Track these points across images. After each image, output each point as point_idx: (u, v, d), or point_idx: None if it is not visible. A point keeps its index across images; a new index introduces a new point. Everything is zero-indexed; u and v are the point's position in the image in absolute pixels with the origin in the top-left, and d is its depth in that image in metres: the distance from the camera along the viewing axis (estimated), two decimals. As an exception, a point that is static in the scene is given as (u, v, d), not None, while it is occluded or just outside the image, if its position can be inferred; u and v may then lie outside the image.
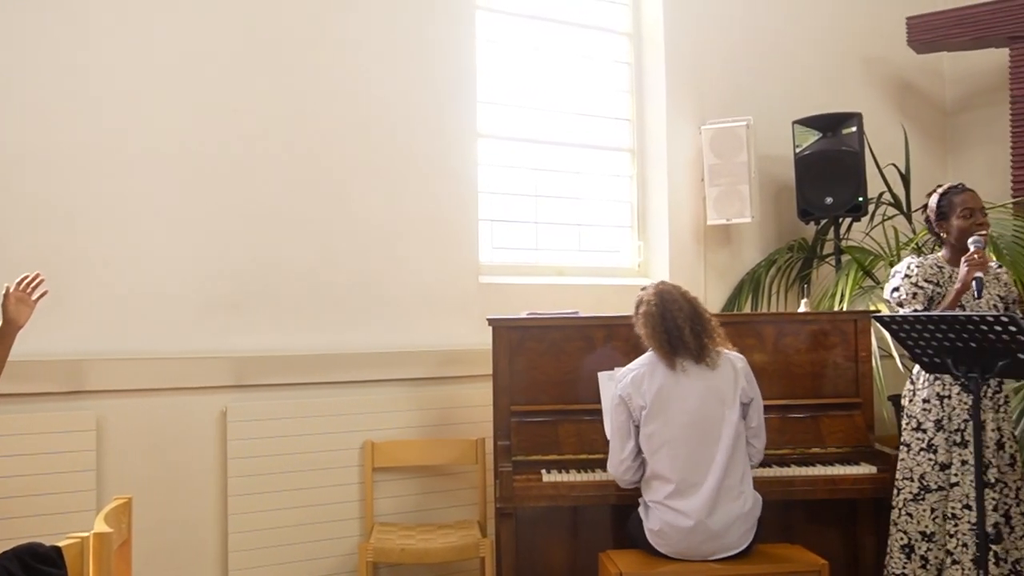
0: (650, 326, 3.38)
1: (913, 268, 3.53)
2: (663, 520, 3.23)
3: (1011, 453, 3.37)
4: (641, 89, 5.51)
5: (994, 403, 3.39)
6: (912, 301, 3.47)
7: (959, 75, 6.57)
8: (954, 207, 3.50)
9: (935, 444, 3.40)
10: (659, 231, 5.38)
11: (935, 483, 3.38)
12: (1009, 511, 3.32)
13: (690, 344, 3.32)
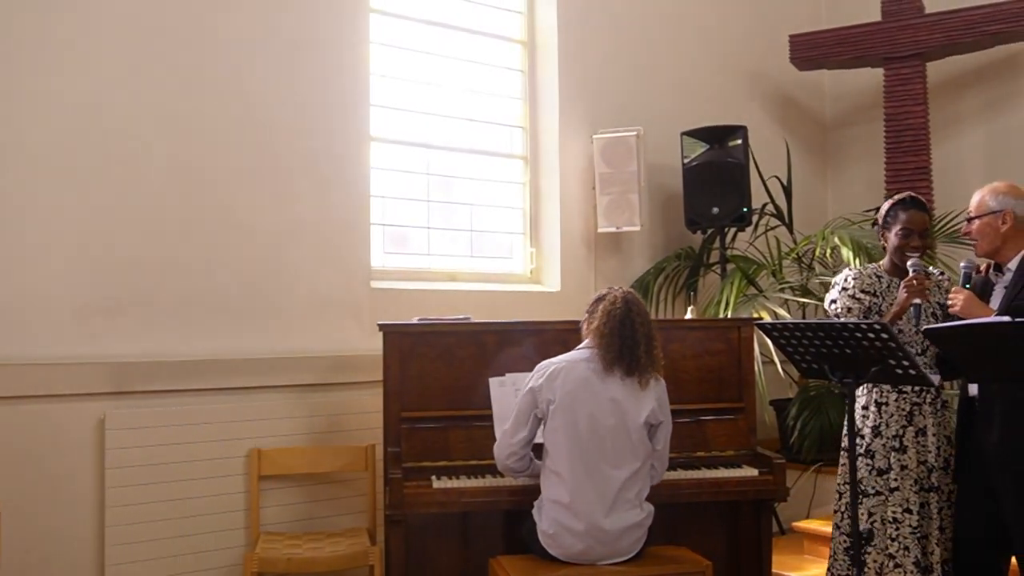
0: (608, 326, 3.32)
1: (850, 280, 3.57)
2: (556, 521, 3.23)
3: (944, 457, 3.46)
4: (534, 97, 5.55)
5: (933, 408, 3.46)
6: (847, 314, 3.51)
7: (838, 92, 6.84)
8: (897, 221, 3.53)
9: (872, 450, 3.47)
10: (551, 238, 5.43)
11: (872, 488, 3.45)
12: (941, 513, 3.41)
13: (641, 358, 3.31)
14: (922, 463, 3.39)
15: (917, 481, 3.38)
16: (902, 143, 5.86)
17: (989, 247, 3.28)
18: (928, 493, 3.38)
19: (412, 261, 5.08)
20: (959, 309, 3.12)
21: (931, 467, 3.40)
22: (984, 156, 6.07)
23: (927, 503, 3.37)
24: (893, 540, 3.39)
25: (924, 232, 3.50)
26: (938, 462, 3.41)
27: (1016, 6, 5.53)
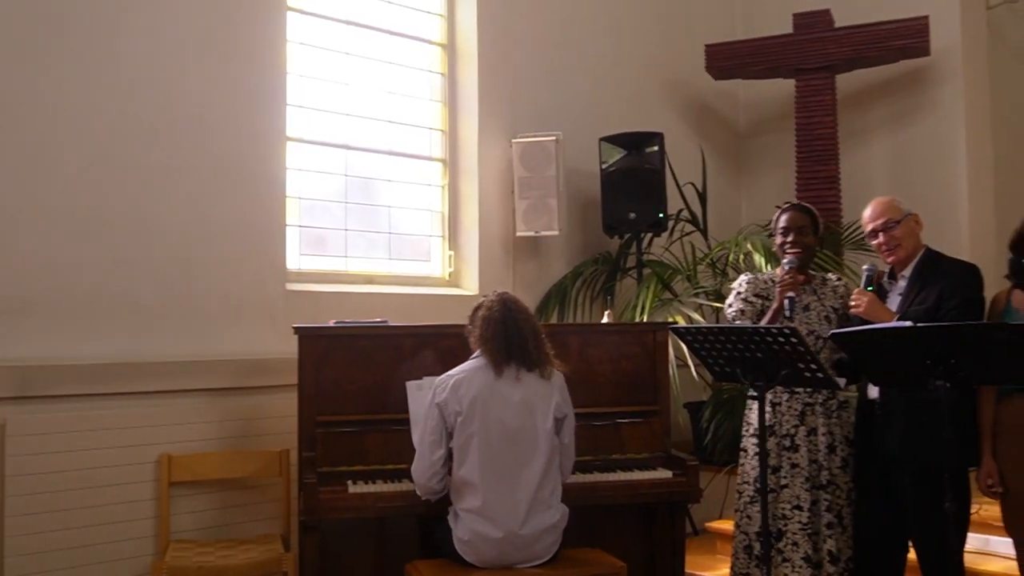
0: (489, 330, 3.36)
1: (744, 284, 3.68)
2: (472, 530, 3.23)
3: (842, 456, 3.54)
4: (454, 100, 5.55)
5: (825, 409, 3.54)
6: (741, 316, 3.62)
7: (752, 101, 7.00)
8: (777, 224, 3.66)
9: (768, 449, 3.55)
10: (469, 241, 5.43)
11: (768, 486, 3.54)
12: (841, 511, 3.50)
13: (531, 351, 3.35)
14: (813, 462, 3.49)
15: (808, 479, 3.47)
16: (812, 152, 6.02)
17: (913, 247, 3.38)
18: (818, 491, 3.47)
19: (329, 263, 5.02)
20: (863, 311, 3.21)
21: (821, 465, 3.49)
22: (889, 166, 6.28)
23: (817, 501, 3.46)
24: (783, 535, 3.48)
25: (801, 230, 3.59)
26: (832, 461, 3.50)
27: (919, 23, 5.74)
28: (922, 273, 3.34)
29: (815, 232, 3.64)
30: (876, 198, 3.49)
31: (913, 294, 3.27)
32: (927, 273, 3.32)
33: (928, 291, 3.26)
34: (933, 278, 3.29)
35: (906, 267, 3.37)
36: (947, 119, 6.07)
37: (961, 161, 6.01)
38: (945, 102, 6.09)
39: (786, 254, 3.57)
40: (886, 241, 3.37)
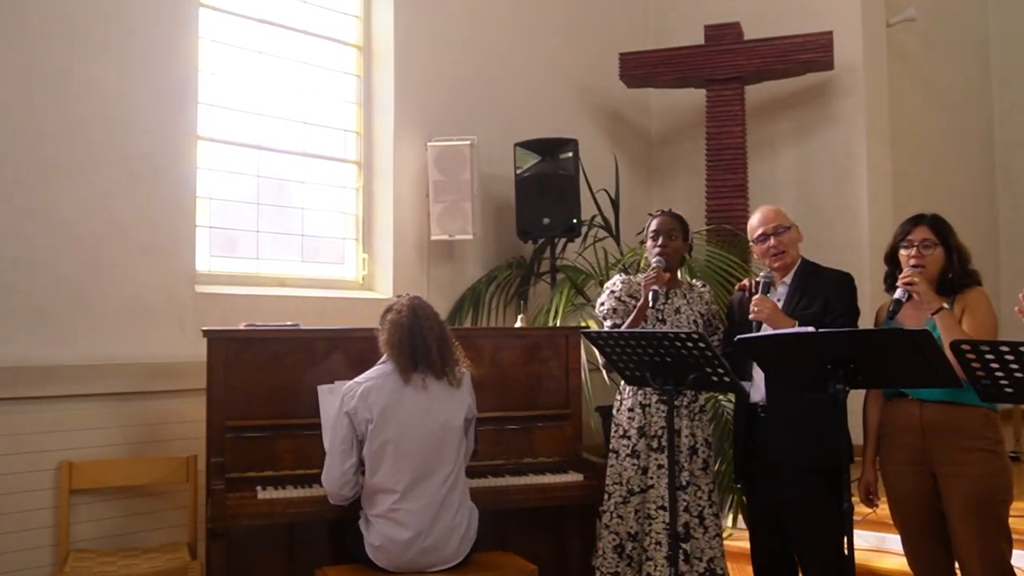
0: (397, 336, 3.36)
1: (618, 284, 3.77)
2: (384, 535, 3.22)
3: (703, 458, 3.66)
4: (369, 102, 5.52)
5: (690, 411, 3.66)
6: (613, 315, 3.71)
7: (664, 110, 7.13)
8: (648, 229, 3.78)
9: (638, 450, 3.64)
10: (384, 244, 5.40)
11: (639, 486, 3.61)
12: (702, 512, 3.61)
13: (435, 361, 3.35)
14: (675, 463, 3.57)
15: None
16: (721, 161, 6.17)
17: (796, 255, 3.50)
18: (678, 491, 3.56)
19: (240, 265, 4.93)
20: (765, 317, 3.31)
21: (683, 467, 3.59)
22: (795, 176, 6.48)
23: (677, 500, 3.55)
24: (647, 535, 3.56)
25: (669, 234, 3.71)
26: (694, 463, 3.62)
27: (824, 38, 5.93)
28: (802, 281, 3.47)
29: (684, 238, 3.77)
30: (763, 206, 3.61)
31: (795, 301, 3.40)
32: (807, 281, 3.46)
33: (810, 298, 3.39)
34: (814, 286, 3.43)
35: (786, 275, 3.50)
36: (849, 131, 6.30)
37: (862, 172, 6.24)
38: (847, 115, 6.31)
39: (653, 257, 3.68)
40: (776, 245, 3.48)
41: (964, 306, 3.10)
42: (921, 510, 3.14)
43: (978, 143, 8.99)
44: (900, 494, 3.19)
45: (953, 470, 3.03)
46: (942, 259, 3.16)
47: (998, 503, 3.03)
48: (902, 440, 3.14)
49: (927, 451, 3.07)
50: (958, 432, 3.03)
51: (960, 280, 3.16)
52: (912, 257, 3.14)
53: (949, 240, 3.17)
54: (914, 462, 3.11)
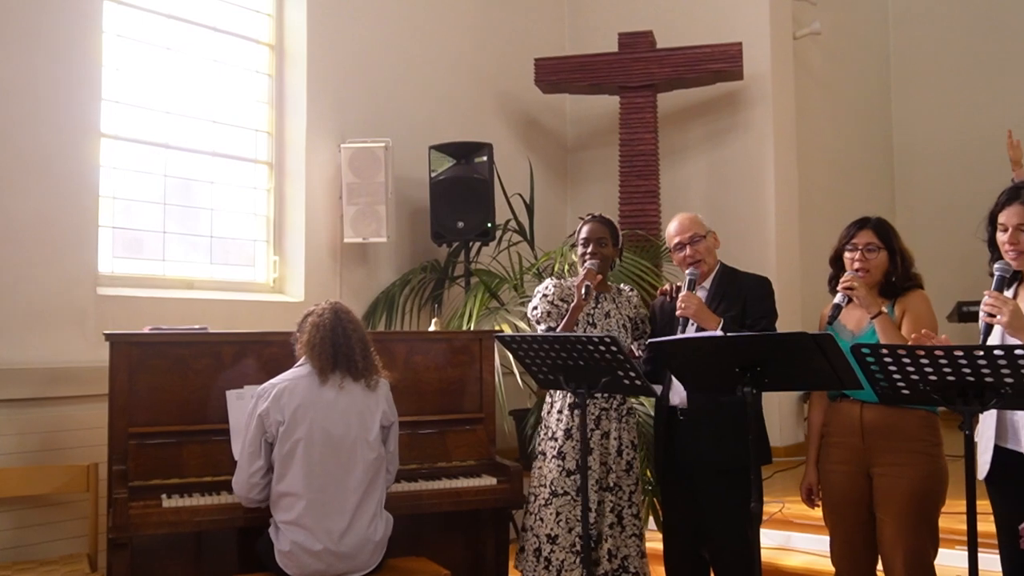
0: (318, 336, 3.30)
1: (550, 288, 3.77)
2: (293, 542, 3.16)
3: (628, 460, 3.69)
4: (281, 102, 5.43)
5: (618, 414, 3.68)
6: (546, 319, 3.71)
7: (579, 116, 7.20)
8: (579, 235, 3.78)
9: (564, 452, 3.64)
10: (295, 247, 5.32)
11: (562, 488, 3.62)
12: (622, 511, 3.64)
13: (356, 362, 3.31)
14: (603, 464, 3.62)
15: (598, 481, 3.60)
16: (634, 167, 6.26)
17: (713, 262, 3.56)
18: (604, 492, 3.61)
19: (146, 267, 4.80)
20: (692, 313, 3.35)
21: (610, 468, 3.63)
22: (706, 182, 6.61)
23: (602, 502, 3.60)
24: (578, 537, 3.58)
25: (599, 241, 3.73)
26: (619, 465, 3.65)
27: (733, 48, 6.07)
28: (721, 286, 3.53)
29: (614, 244, 3.79)
30: (680, 214, 3.66)
31: (715, 306, 3.46)
32: (726, 286, 3.53)
33: (729, 302, 3.46)
34: (732, 290, 3.50)
35: (705, 280, 3.56)
36: (758, 140, 6.46)
37: (769, 179, 6.40)
38: (756, 124, 6.47)
39: (584, 261, 3.70)
40: (691, 254, 3.54)
41: (905, 309, 3.16)
42: (854, 510, 3.18)
43: (878, 152, 9.31)
44: (836, 494, 3.23)
45: (889, 471, 3.07)
46: (885, 262, 3.21)
47: (931, 505, 3.09)
48: (842, 441, 3.19)
49: (866, 452, 3.12)
50: (897, 434, 3.07)
51: (902, 284, 3.21)
52: (856, 260, 3.19)
53: (893, 244, 3.23)
54: (851, 462, 3.16)
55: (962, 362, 2.35)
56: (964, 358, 2.34)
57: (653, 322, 3.72)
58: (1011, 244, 2.72)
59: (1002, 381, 2.33)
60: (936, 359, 2.39)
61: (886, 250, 3.21)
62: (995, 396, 2.38)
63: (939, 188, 8.46)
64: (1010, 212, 2.73)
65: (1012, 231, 2.72)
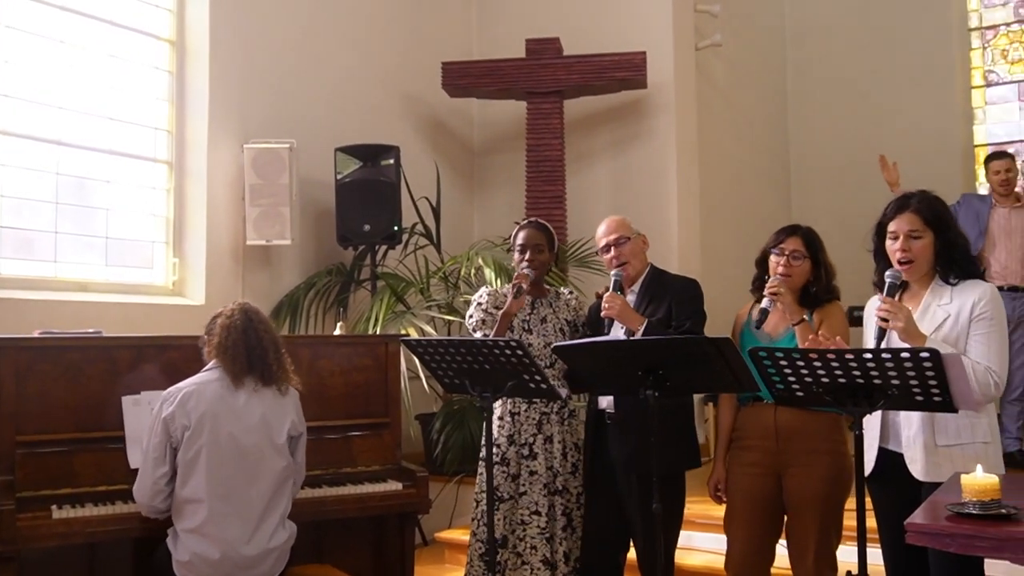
0: (230, 339, 3.21)
1: (485, 297, 3.77)
2: (193, 551, 3.08)
3: (573, 462, 3.71)
4: (182, 100, 5.30)
5: (560, 417, 3.70)
6: (482, 327, 3.71)
7: (486, 120, 7.22)
8: (515, 241, 3.78)
9: (507, 457, 3.64)
10: (196, 249, 5.20)
11: (507, 493, 3.62)
12: (571, 514, 3.65)
13: (270, 365, 3.24)
14: (549, 468, 3.65)
15: (546, 486, 3.63)
16: (541, 173, 6.30)
17: (641, 265, 3.61)
18: (554, 496, 3.64)
19: (36, 268, 4.63)
20: (616, 314, 3.39)
21: (557, 472, 3.66)
22: (611, 189, 6.70)
23: (553, 505, 3.63)
24: (521, 540, 3.61)
25: (536, 248, 3.75)
26: (564, 467, 3.68)
27: (638, 57, 6.18)
28: (649, 288, 3.58)
29: (550, 249, 3.81)
30: (610, 216, 3.71)
31: (643, 307, 3.51)
32: (654, 288, 3.57)
33: (657, 304, 3.50)
34: (660, 292, 3.54)
35: (634, 283, 3.61)
36: (661, 148, 6.57)
37: (672, 186, 6.52)
38: (659, 132, 6.58)
39: (522, 266, 3.71)
40: (616, 256, 3.58)
41: (823, 319, 3.23)
42: (761, 512, 3.26)
43: (776, 162, 9.59)
44: (745, 495, 3.30)
45: (801, 471, 3.16)
46: (808, 272, 3.28)
47: (839, 502, 3.20)
48: (756, 444, 3.26)
49: (779, 454, 3.20)
50: (808, 435, 3.17)
51: (823, 295, 3.28)
52: (780, 265, 3.25)
53: (819, 255, 3.30)
54: (764, 464, 3.24)
55: (852, 365, 2.45)
56: (854, 361, 2.44)
57: (591, 324, 3.74)
58: (902, 251, 2.83)
59: (889, 383, 2.44)
60: (828, 362, 2.48)
61: (811, 260, 3.28)
62: (883, 397, 2.48)
63: (832, 199, 8.74)
64: (901, 220, 2.85)
65: (903, 238, 2.83)
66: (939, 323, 2.77)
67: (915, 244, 2.81)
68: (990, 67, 9.10)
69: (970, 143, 8.87)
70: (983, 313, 2.72)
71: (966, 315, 2.74)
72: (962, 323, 2.74)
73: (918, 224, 2.81)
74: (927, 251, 2.82)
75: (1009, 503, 2.05)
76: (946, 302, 2.78)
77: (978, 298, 2.74)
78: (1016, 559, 2.02)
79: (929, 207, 2.83)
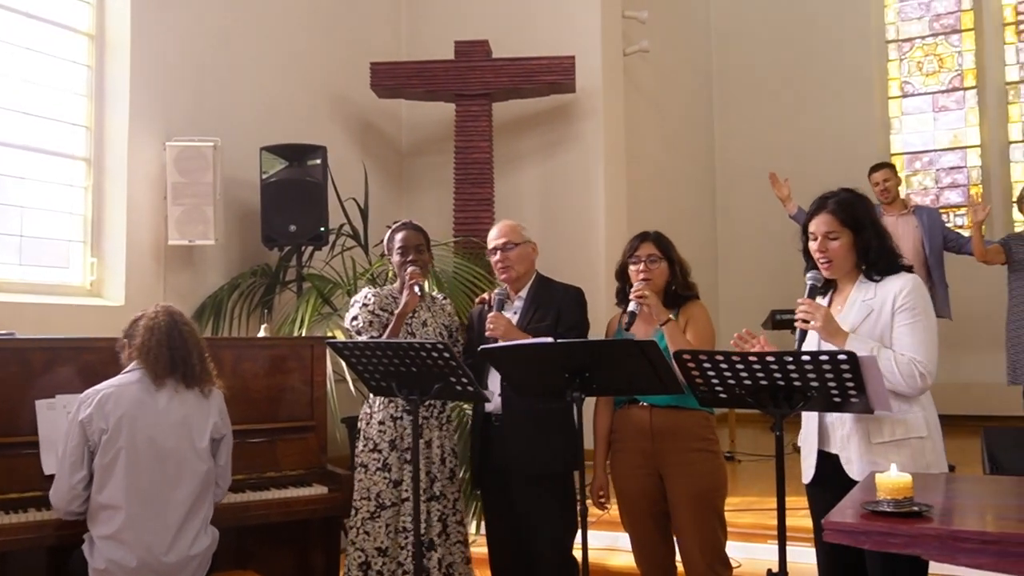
0: (152, 339, 3.14)
1: (370, 297, 3.74)
2: (109, 558, 3.00)
3: (451, 468, 3.72)
4: (102, 95, 5.16)
5: (439, 421, 3.70)
6: (369, 328, 3.68)
7: (415, 122, 7.20)
8: (393, 243, 3.77)
9: (390, 463, 3.62)
10: (116, 248, 5.07)
11: (389, 500, 3.59)
12: (446, 519, 3.65)
13: (194, 367, 3.18)
14: (428, 473, 3.65)
15: (424, 491, 3.61)
16: (469, 175, 6.31)
17: (524, 271, 3.64)
18: (431, 502, 3.63)
19: (-55, 267, 4.47)
20: (500, 334, 3.41)
21: (435, 477, 3.66)
22: (539, 192, 6.74)
23: (429, 511, 3.62)
24: (403, 548, 3.58)
25: (418, 248, 3.77)
26: (443, 473, 3.69)
27: (566, 62, 6.23)
28: (536, 295, 3.62)
29: (428, 250, 3.85)
30: (502, 221, 3.74)
31: (530, 315, 3.55)
32: (541, 295, 3.62)
33: (543, 312, 3.55)
34: (547, 300, 3.59)
35: (521, 289, 3.64)
36: (589, 152, 6.64)
37: (600, 190, 6.59)
38: (587, 136, 6.64)
39: (406, 271, 3.70)
40: (501, 260, 3.62)
41: (687, 318, 3.37)
42: (649, 509, 3.36)
43: (702, 166, 9.76)
44: (631, 495, 3.40)
45: (678, 469, 3.27)
46: (666, 272, 3.41)
47: (716, 497, 3.32)
48: (633, 444, 3.35)
49: (656, 453, 3.30)
50: (682, 434, 3.28)
51: (682, 292, 3.42)
52: (640, 272, 3.37)
53: (672, 254, 3.43)
54: (643, 464, 3.33)
55: (774, 367, 2.50)
56: (775, 363, 2.50)
57: (471, 329, 3.75)
58: (820, 252, 2.90)
59: (808, 385, 2.50)
60: (751, 364, 2.53)
61: (666, 260, 3.41)
62: (803, 399, 2.54)
63: (756, 203, 8.92)
64: (818, 221, 2.92)
65: (821, 239, 2.90)
66: (863, 318, 2.83)
67: (832, 245, 2.88)
68: (907, 78, 9.40)
69: (887, 152, 9.15)
70: (905, 304, 2.77)
71: (888, 308, 2.80)
72: (885, 317, 2.80)
73: (834, 225, 2.88)
74: (845, 250, 2.88)
75: (921, 501, 2.11)
76: (870, 297, 2.85)
77: (899, 289, 2.80)
78: (926, 555, 2.08)
79: (845, 208, 2.89)
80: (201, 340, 3.32)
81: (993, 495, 2.59)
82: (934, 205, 8.57)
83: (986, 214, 5.92)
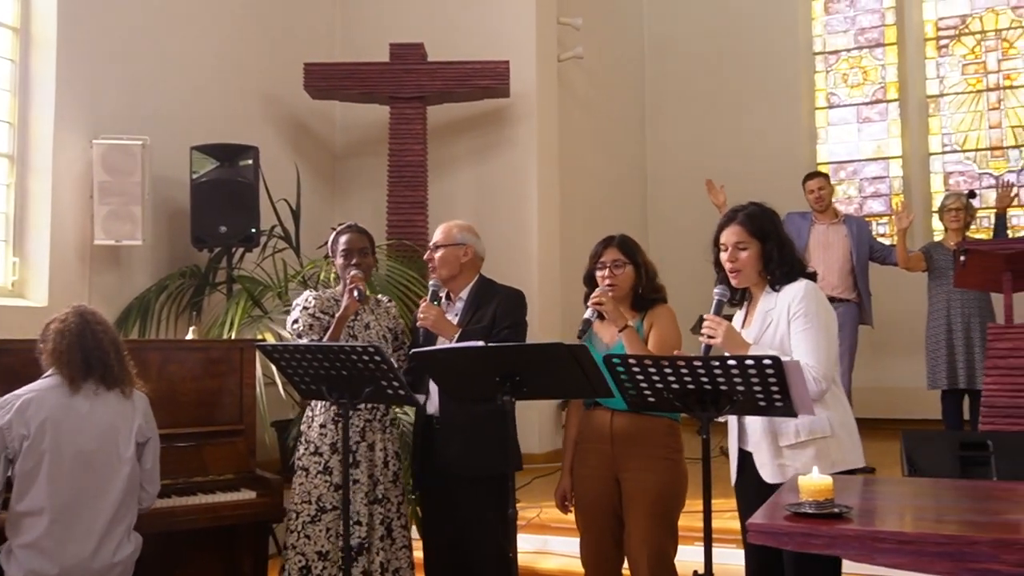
0: (64, 342, 3.07)
1: (311, 301, 3.70)
2: (29, 568, 2.92)
3: (394, 471, 3.68)
4: (26, 90, 5.04)
5: (382, 424, 3.67)
6: (309, 332, 3.63)
7: (349, 124, 7.16)
8: (337, 246, 3.74)
9: (331, 466, 3.57)
10: (39, 247, 4.95)
11: (331, 503, 3.54)
12: (391, 523, 3.61)
13: (111, 367, 3.12)
14: (371, 476, 3.63)
15: (367, 495, 3.58)
16: (403, 177, 6.31)
17: (448, 274, 3.65)
18: (374, 505, 3.61)
19: None
20: (430, 324, 3.42)
21: (377, 480, 3.64)
22: (472, 196, 6.76)
23: (372, 514, 3.60)
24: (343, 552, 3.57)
25: (362, 251, 3.74)
26: (386, 476, 3.67)
27: (501, 66, 6.26)
28: (476, 296, 3.63)
29: (373, 253, 3.83)
30: (449, 221, 3.75)
31: (469, 315, 3.56)
32: (481, 296, 3.63)
33: (482, 312, 3.56)
34: (487, 301, 3.60)
35: (462, 290, 3.66)
36: (522, 156, 6.68)
37: (533, 194, 6.63)
38: (521, 140, 6.69)
39: (348, 274, 3.67)
40: (428, 259, 3.65)
41: (652, 322, 3.36)
42: (603, 513, 3.34)
43: (633, 173, 9.87)
44: (587, 498, 3.38)
45: (635, 475, 3.25)
46: (632, 276, 3.39)
47: (671, 507, 3.30)
48: (594, 447, 3.34)
49: (615, 458, 3.28)
50: (643, 440, 3.26)
51: (649, 295, 3.41)
52: (606, 277, 3.36)
53: (637, 258, 3.42)
54: (601, 467, 3.31)
55: (701, 371, 2.56)
56: (702, 367, 2.55)
57: (416, 332, 3.75)
58: (730, 261, 2.98)
59: (734, 389, 2.56)
60: (678, 368, 2.58)
61: (632, 264, 3.40)
62: (729, 403, 2.60)
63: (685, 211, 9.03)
64: (728, 232, 3.01)
65: (731, 249, 2.99)
66: (764, 329, 2.92)
67: (741, 255, 2.97)
68: (832, 90, 9.64)
69: (814, 161, 9.37)
70: (798, 311, 2.87)
71: (785, 317, 2.89)
72: (783, 325, 2.89)
73: (743, 235, 2.97)
74: (753, 260, 2.97)
75: (842, 503, 2.17)
76: (771, 307, 2.95)
77: (792, 297, 2.90)
78: (846, 555, 2.15)
79: (753, 219, 2.99)
80: (118, 339, 3.25)
81: (911, 496, 2.68)
82: (858, 214, 8.79)
83: (910, 222, 6.10)
